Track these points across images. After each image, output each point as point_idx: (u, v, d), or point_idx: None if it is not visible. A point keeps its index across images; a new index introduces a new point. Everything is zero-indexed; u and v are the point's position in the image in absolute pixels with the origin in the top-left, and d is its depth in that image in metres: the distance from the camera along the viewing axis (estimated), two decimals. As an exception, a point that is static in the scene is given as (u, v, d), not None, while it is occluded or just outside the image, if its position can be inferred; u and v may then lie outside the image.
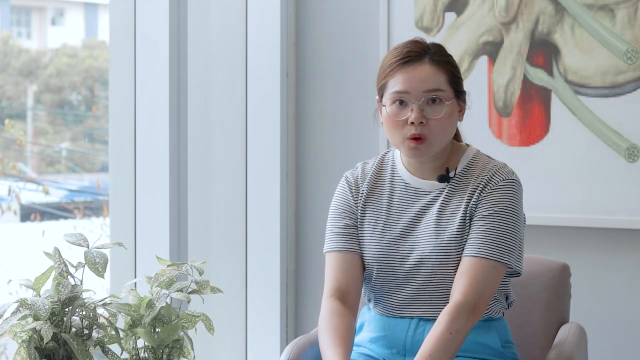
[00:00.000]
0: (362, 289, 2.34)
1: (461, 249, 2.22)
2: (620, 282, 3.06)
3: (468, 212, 2.23)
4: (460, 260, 2.21)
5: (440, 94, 2.22)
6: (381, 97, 2.27)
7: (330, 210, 2.36)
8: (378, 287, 2.30)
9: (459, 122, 2.30)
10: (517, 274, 2.29)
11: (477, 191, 2.23)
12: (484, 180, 2.24)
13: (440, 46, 2.28)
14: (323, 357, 2.16)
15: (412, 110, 2.21)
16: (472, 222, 2.22)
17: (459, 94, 2.27)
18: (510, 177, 2.24)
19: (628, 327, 3.06)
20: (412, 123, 2.20)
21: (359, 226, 2.32)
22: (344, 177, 2.38)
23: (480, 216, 2.21)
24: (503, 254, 2.19)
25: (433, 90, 2.22)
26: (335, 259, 2.30)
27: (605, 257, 3.08)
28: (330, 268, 2.30)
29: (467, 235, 2.22)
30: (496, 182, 2.23)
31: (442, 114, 2.21)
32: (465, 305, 2.14)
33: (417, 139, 2.21)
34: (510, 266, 2.22)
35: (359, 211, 2.33)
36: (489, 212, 2.21)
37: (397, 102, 2.23)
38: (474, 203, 2.23)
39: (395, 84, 2.23)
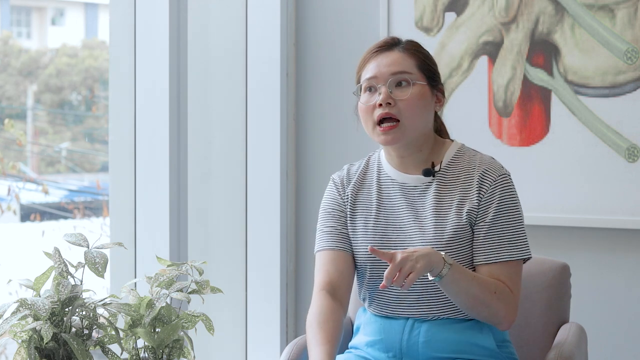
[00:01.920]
0: (357, 289, 2.35)
1: (458, 247, 2.22)
2: (620, 282, 3.06)
3: (465, 212, 2.23)
4: (456, 258, 2.21)
5: (407, 76, 2.25)
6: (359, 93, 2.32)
7: (319, 212, 2.38)
8: (372, 285, 2.30)
9: (437, 111, 2.33)
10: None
11: (473, 191, 2.24)
12: (478, 179, 2.25)
13: (414, 41, 2.33)
14: (309, 352, 2.16)
15: (380, 94, 2.24)
16: (478, 226, 2.23)
17: (434, 83, 2.29)
18: (502, 172, 2.26)
19: (628, 327, 3.06)
20: (380, 105, 2.23)
21: (350, 225, 2.33)
22: (331, 179, 2.39)
23: (489, 220, 2.22)
24: (524, 249, 2.25)
25: (400, 72, 2.25)
26: (326, 256, 2.31)
27: (605, 257, 3.07)
28: (321, 263, 2.31)
29: (464, 232, 2.22)
30: (491, 183, 2.24)
31: (409, 95, 2.23)
32: (516, 302, 2.23)
33: (386, 121, 2.22)
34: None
35: (349, 210, 2.34)
36: (497, 214, 2.23)
37: (368, 90, 2.27)
38: (474, 206, 2.23)
39: (366, 73, 2.28)
